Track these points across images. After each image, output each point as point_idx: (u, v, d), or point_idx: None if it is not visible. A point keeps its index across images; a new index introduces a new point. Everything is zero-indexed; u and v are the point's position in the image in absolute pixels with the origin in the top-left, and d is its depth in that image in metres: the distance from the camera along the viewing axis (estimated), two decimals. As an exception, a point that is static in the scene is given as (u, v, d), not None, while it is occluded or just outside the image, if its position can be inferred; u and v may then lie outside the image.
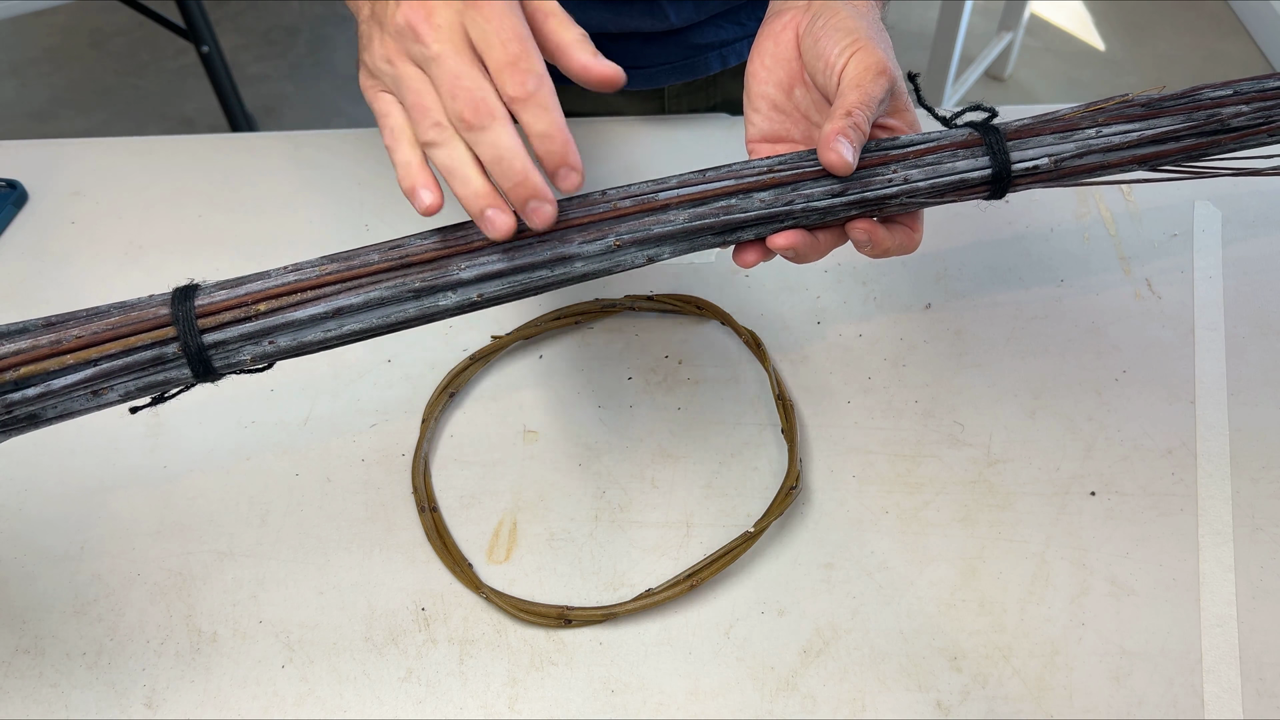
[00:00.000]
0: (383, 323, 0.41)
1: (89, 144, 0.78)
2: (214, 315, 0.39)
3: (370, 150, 0.75)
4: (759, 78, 0.48)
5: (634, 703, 0.46)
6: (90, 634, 0.49)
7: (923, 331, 0.60)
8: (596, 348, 0.61)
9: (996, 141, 0.44)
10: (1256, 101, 0.45)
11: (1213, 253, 0.64)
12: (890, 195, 0.43)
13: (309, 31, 2.47)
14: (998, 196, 0.45)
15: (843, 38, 0.44)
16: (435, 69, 0.38)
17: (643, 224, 0.42)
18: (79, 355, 0.38)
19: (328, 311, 0.40)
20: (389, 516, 0.53)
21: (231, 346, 0.40)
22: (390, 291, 0.40)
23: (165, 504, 0.54)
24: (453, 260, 0.41)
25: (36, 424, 0.39)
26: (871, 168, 0.43)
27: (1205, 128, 0.45)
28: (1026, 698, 0.45)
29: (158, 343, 0.39)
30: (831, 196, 0.42)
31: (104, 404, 0.39)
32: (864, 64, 0.43)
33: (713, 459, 0.55)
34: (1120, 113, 0.45)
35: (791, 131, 0.48)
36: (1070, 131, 0.44)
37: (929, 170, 0.43)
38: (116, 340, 0.39)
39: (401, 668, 0.47)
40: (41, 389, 0.38)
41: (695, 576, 0.49)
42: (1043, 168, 0.44)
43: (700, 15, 0.72)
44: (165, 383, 0.40)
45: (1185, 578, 0.49)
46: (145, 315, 0.39)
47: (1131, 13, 2.43)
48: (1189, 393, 0.56)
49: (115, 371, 0.39)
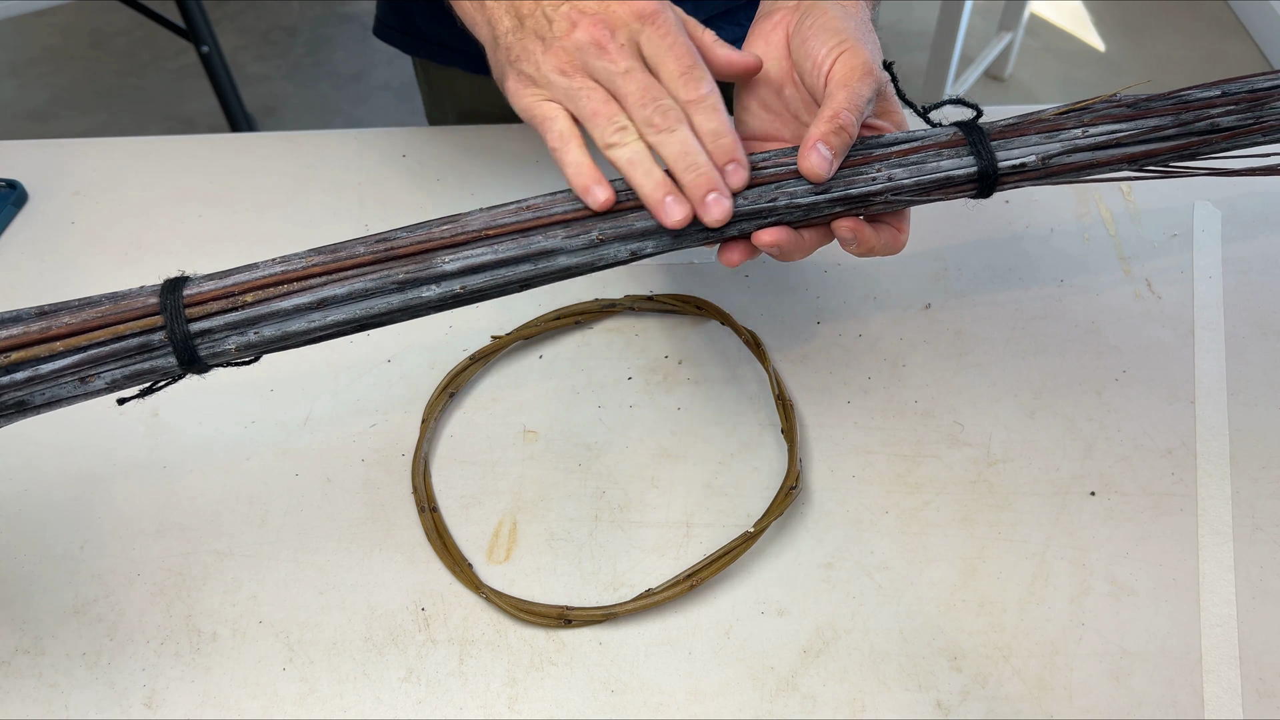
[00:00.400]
0: (366, 314, 0.41)
1: (89, 144, 0.78)
2: (201, 305, 0.40)
3: (370, 150, 0.75)
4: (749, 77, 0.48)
5: (634, 703, 0.46)
6: (90, 634, 0.49)
7: (923, 331, 0.60)
8: (596, 348, 0.61)
9: (981, 141, 0.44)
10: (1245, 102, 0.45)
11: (1212, 253, 0.64)
12: (874, 193, 0.43)
13: (309, 32, 2.47)
14: (985, 195, 0.45)
15: (830, 38, 0.44)
16: (625, 82, 0.42)
17: (625, 220, 0.42)
18: (68, 342, 0.39)
19: (312, 302, 0.40)
20: (389, 516, 0.53)
21: (217, 335, 0.40)
22: (375, 283, 0.40)
23: (165, 504, 0.54)
24: (437, 254, 0.41)
25: (24, 411, 0.39)
26: (855, 166, 0.43)
27: (1194, 127, 0.45)
28: (1026, 698, 0.45)
29: (144, 331, 0.39)
30: (815, 194, 0.43)
31: (91, 391, 0.40)
32: (851, 64, 0.43)
33: (713, 459, 0.55)
34: (1107, 112, 0.45)
35: (781, 131, 0.48)
36: (1056, 131, 0.44)
37: (913, 169, 0.43)
38: (105, 328, 0.39)
39: (401, 668, 0.47)
40: (29, 373, 0.39)
41: (695, 576, 0.49)
42: (1030, 166, 0.44)
43: (699, 17, 0.72)
44: (151, 371, 0.40)
45: (1185, 578, 0.49)
46: (134, 304, 0.40)
47: (1131, 13, 2.43)
48: (1189, 393, 0.56)
49: (103, 358, 0.39)
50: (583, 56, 0.42)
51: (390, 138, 0.76)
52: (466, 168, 0.73)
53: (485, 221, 0.42)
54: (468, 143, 0.75)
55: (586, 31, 0.42)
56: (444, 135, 0.76)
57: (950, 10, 1.87)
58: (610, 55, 0.42)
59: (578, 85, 0.42)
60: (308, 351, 0.61)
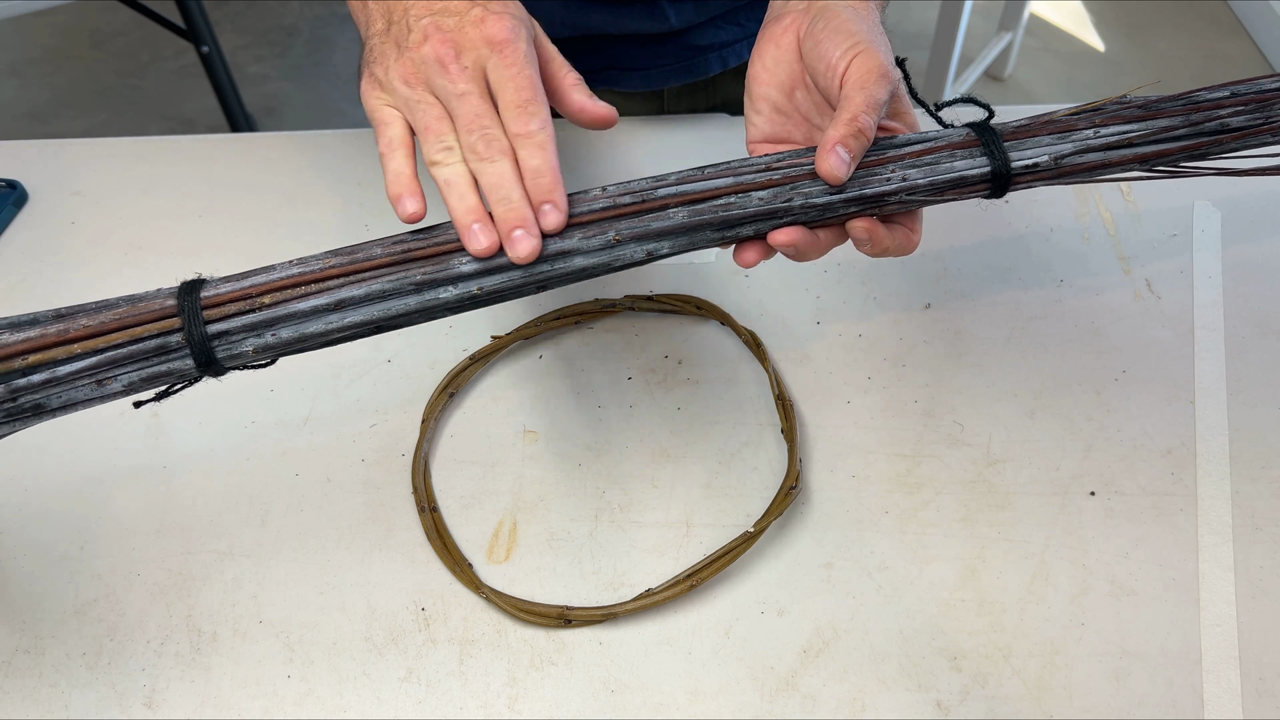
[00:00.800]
0: (383, 315, 0.41)
1: (89, 144, 0.78)
2: (219, 307, 0.40)
3: (370, 150, 0.75)
4: (760, 80, 0.48)
5: (634, 703, 0.46)
6: (90, 634, 0.49)
7: (923, 331, 0.61)
8: (596, 348, 0.61)
9: (994, 141, 0.44)
10: (1254, 102, 0.45)
11: (1212, 253, 0.64)
12: (889, 193, 0.43)
13: (308, 32, 2.47)
14: (998, 195, 0.45)
15: (844, 40, 0.44)
16: (459, 104, 0.42)
17: (642, 220, 0.42)
18: (85, 344, 0.39)
19: (330, 304, 0.40)
20: (389, 516, 0.53)
21: (235, 338, 0.40)
22: (392, 285, 0.40)
23: (165, 504, 0.54)
24: (454, 255, 0.41)
25: (41, 415, 0.39)
26: (870, 167, 0.43)
27: (1204, 127, 0.45)
28: (1026, 698, 0.45)
29: (162, 333, 0.39)
30: (830, 194, 0.43)
31: (108, 394, 0.39)
32: (866, 66, 0.43)
33: (712, 459, 0.55)
34: (1118, 113, 0.45)
35: (793, 133, 0.48)
36: (1068, 132, 0.45)
37: (927, 170, 0.43)
38: (122, 330, 0.39)
39: (401, 668, 0.47)
40: (46, 375, 0.38)
41: (695, 576, 0.49)
42: (1043, 166, 0.44)
43: (700, 17, 0.73)
44: (169, 374, 0.40)
45: (1185, 578, 0.49)
46: (151, 306, 0.40)
47: (1131, 13, 2.43)
48: (1188, 392, 0.56)
49: (120, 360, 0.39)
50: (427, 70, 0.42)
51: (390, 138, 0.76)
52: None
53: None
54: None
55: (434, 47, 0.42)
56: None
57: (950, 10, 1.87)
58: (451, 75, 0.42)
59: (417, 98, 0.43)
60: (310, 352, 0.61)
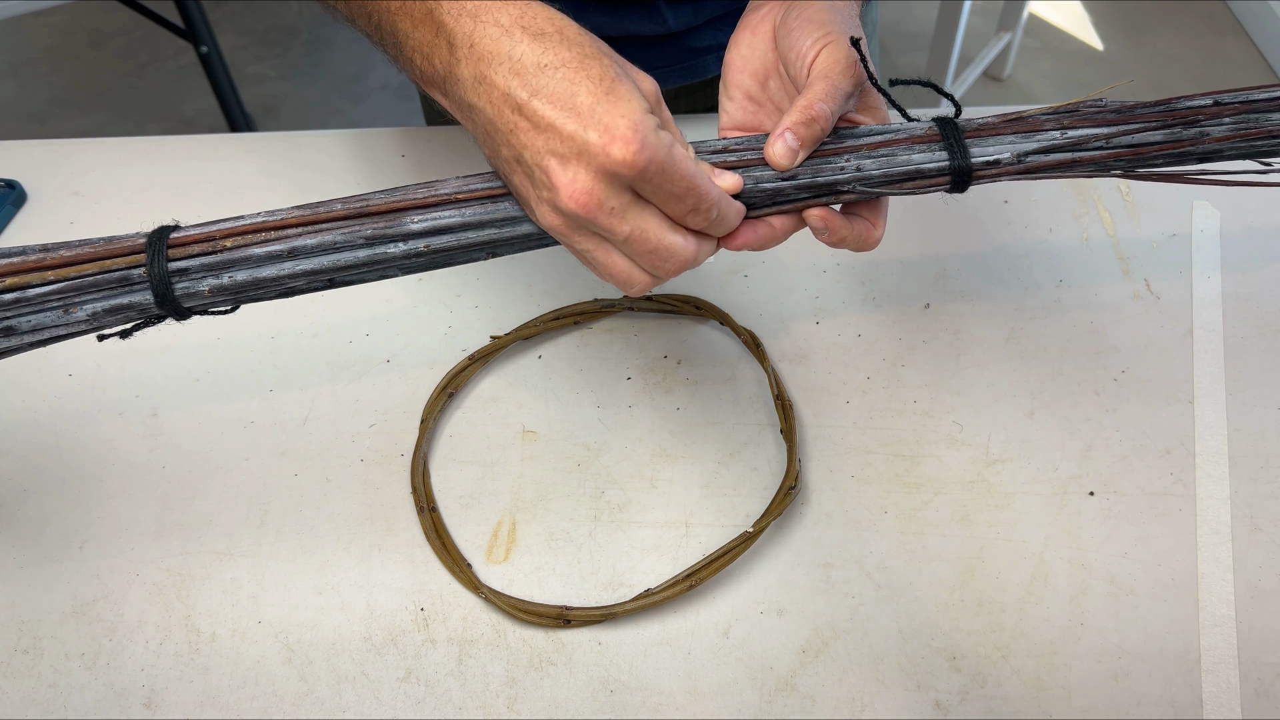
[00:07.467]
0: (333, 265, 0.43)
1: (89, 144, 0.78)
2: (184, 247, 0.42)
3: (369, 150, 0.75)
4: (735, 67, 0.48)
5: (633, 703, 0.46)
6: (89, 634, 0.49)
7: (922, 331, 0.61)
8: (596, 348, 0.61)
9: (955, 136, 0.44)
10: (1240, 113, 0.45)
11: (1211, 253, 0.64)
12: (841, 181, 0.43)
13: (308, 32, 2.47)
14: (959, 189, 0.45)
15: (815, 30, 0.44)
16: (626, 249, 0.40)
17: None
18: (59, 272, 0.42)
19: (284, 251, 0.42)
20: (388, 516, 0.53)
21: (194, 275, 0.42)
22: (344, 237, 0.42)
23: (165, 504, 0.54)
24: (407, 213, 0.43)
25: (10, 336, 0.42)
26: (825, 156, 0.43)
27: (1182, 134, 0.44)
28: (1025, 698, 0.45)
29: (128, 266, 0.42)
30: (781, 179, 0.43)
31: (74, 322, 0.42)
32: (834, 57, 0.43)
33: (712, 459, 0.55)
34: (1088, 116, 0.45)
35: (765, 122, 0.49)
36: (1033, 132, 0.44)
37: (883, 161, 0.44)
38: (94, 262, 0.42)
39: (400, 668, 0.47)
40: (16, 295, 0.42)
41: (694, 576, 0.49)
42: (1005, 161, 0.44)
43: (698, 19, 0.73)
44: (129, 306, 0.42)
45: (1184, 577, 0.49)
46: (124, 243, 0.43)
47: (1130, 13, 2.43)
48: (1187, 393, 0.56)
49: (86, 288, 0.42)
50: (576, 222, 0.39)
51: (389, 138, 0.76)
52: (465, 168, 0.73)
53: (457, 187, 0.43)
54: (466, 143, 0.75)
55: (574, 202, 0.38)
56: (443, 135, 0.76)
57: (949, 10, 1.87)
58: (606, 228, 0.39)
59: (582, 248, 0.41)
60: (307, 351, 0.61)
